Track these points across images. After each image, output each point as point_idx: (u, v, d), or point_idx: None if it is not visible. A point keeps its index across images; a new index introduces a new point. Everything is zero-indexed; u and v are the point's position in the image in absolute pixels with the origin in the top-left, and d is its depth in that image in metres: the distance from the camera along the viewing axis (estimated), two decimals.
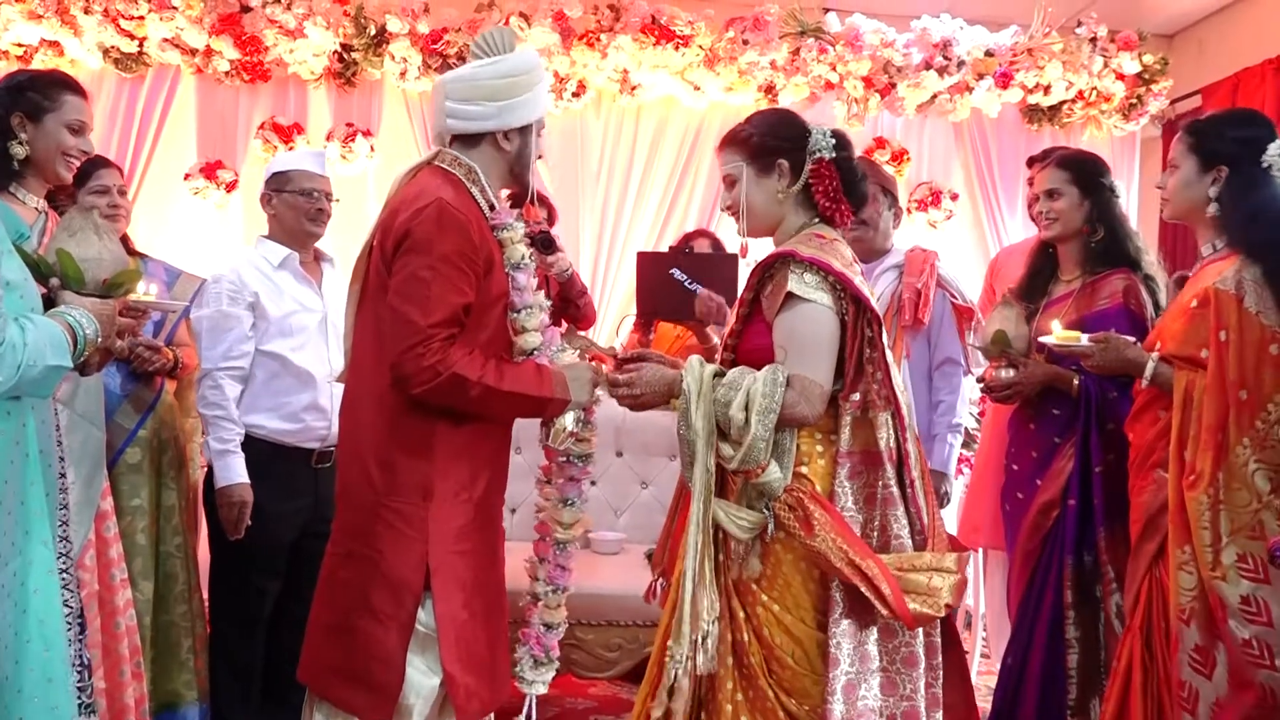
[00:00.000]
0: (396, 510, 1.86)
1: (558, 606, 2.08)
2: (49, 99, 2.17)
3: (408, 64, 4.37)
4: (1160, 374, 2.17)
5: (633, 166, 4.74)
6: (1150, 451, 2.22)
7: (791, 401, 1.83)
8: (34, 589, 1.59)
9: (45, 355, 1.54)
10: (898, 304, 3.07)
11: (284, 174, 2.75)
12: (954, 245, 4.80)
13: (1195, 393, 2.08)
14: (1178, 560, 2.06)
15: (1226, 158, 2.17)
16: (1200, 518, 2.01)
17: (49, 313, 1.66)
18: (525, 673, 2.06)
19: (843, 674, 1.83)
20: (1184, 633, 2.05)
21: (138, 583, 2.62)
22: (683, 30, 4.38)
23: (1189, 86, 4.94)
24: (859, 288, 1.90)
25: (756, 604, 1.89)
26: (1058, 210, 2.58)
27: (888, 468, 1.91)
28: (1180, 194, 2.24)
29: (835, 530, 1.82)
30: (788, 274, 1.90)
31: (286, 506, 2.67)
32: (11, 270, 1.58)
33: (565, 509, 2.06)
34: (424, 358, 1.78)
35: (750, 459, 1.82)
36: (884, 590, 1.79)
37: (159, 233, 4.43)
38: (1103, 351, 2.25)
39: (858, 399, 1.88)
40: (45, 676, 1.58)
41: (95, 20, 4.15)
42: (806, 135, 2.00)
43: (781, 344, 1.90)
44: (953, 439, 3.08)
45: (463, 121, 1.95)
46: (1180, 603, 2.06)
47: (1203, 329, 2.09)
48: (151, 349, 2.66)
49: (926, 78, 4.52)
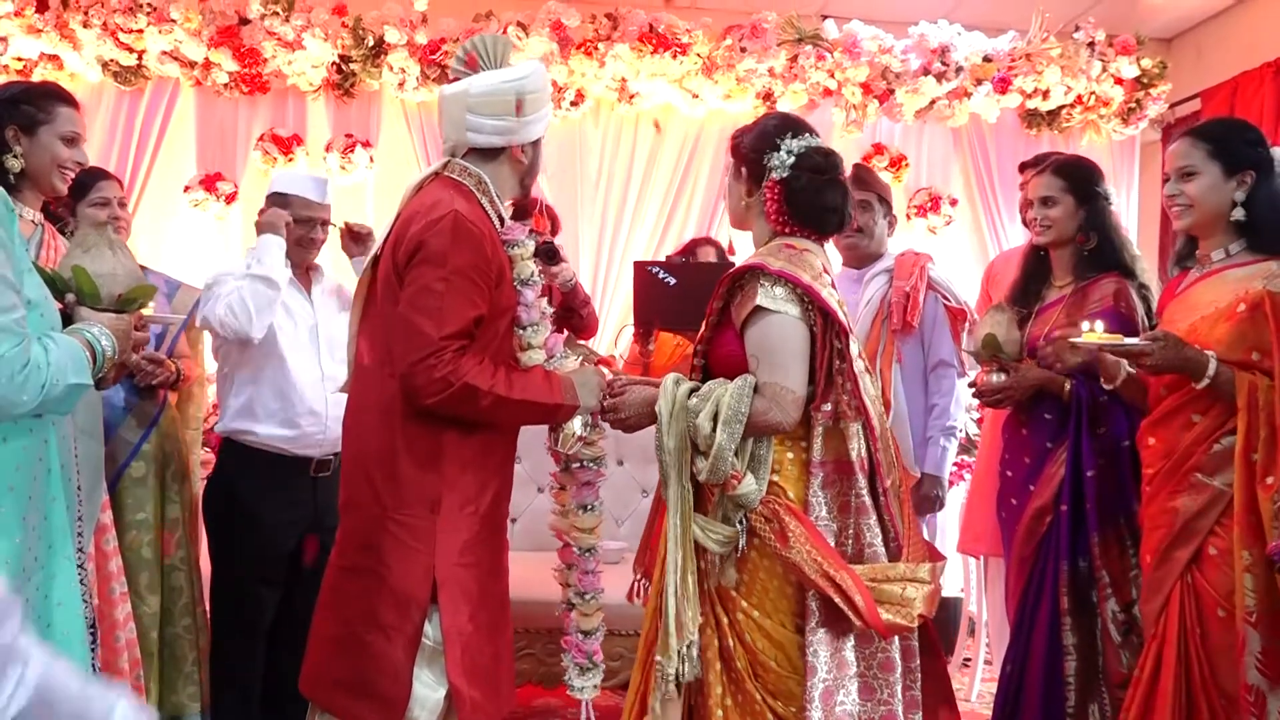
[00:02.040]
0: (403, 523, 1.85)
1: (593, 612, 2.09)
2: (43, 111, 2.17)
3: (406, 74, 4.37)
4: (1222, 374, 2.11)
5: (631, 175, 4.74)
6: (1186, 456, 2.18)
7: (762, 409, 1.86)
8: (58, 602, 1.60)
9: (67, 374, 1.56)
10: (887, 308, 3.08)
11: (284, 196, 2.76)
12: (953, 250, 4.80)
13: (1260, 394, 2.07)
14: (1244, 562, 2.05)
15: (1252, 162, 2.18)
16: (1273, 518, 2.00)
17: (67, 330, 1.67)
18: (573, 680, 2.07)
19: (820, 681, 1.86)
20: (1249, 635, 2.04)
21: (144, 596, 2.62)
22: (680, 38, 4.38)
23: (1187, 90, 4.94)
24: (826, 300, 1.92)
25: (737, 610, 1.92)
26: (1052, 218, 2.57)
27: (859, 477, 1.94)
28: (1206, 199, 2.21)
29: (810, 542, 1.85)
30: (756, 287, 1.93)
31: (286, 516, 2.68)
32: (32, 289, 1.59)
33: (585, 514, 2.06)
34: (436, 369, 1.78)
35: (718, 469, 1.85)
36: (857, 601, 1.82)
37: (159, 245, 4.43)
38: (1163, 349, 2.13)
39: (829, 409, 1.92)
40: None
41: (94, 34, 4.15)
42: (771, 150, 1.99)
43: (754, 354, 1.93)
44: (946, 442, 3.08)
45: (485, 136, 1.95)
46: (1246, 605, 2.04)
47: (1253, 333, 2.09)
48: (154, 362, 2.66)
49: (925, 83, 4.52)
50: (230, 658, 2.73)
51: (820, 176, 2.00)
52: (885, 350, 3.07)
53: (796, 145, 1.99)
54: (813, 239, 2.04)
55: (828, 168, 2.01)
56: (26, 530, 1.55)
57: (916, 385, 3.11)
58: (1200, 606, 2.14)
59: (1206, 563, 2.14)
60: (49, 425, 1.63)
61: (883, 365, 3.07)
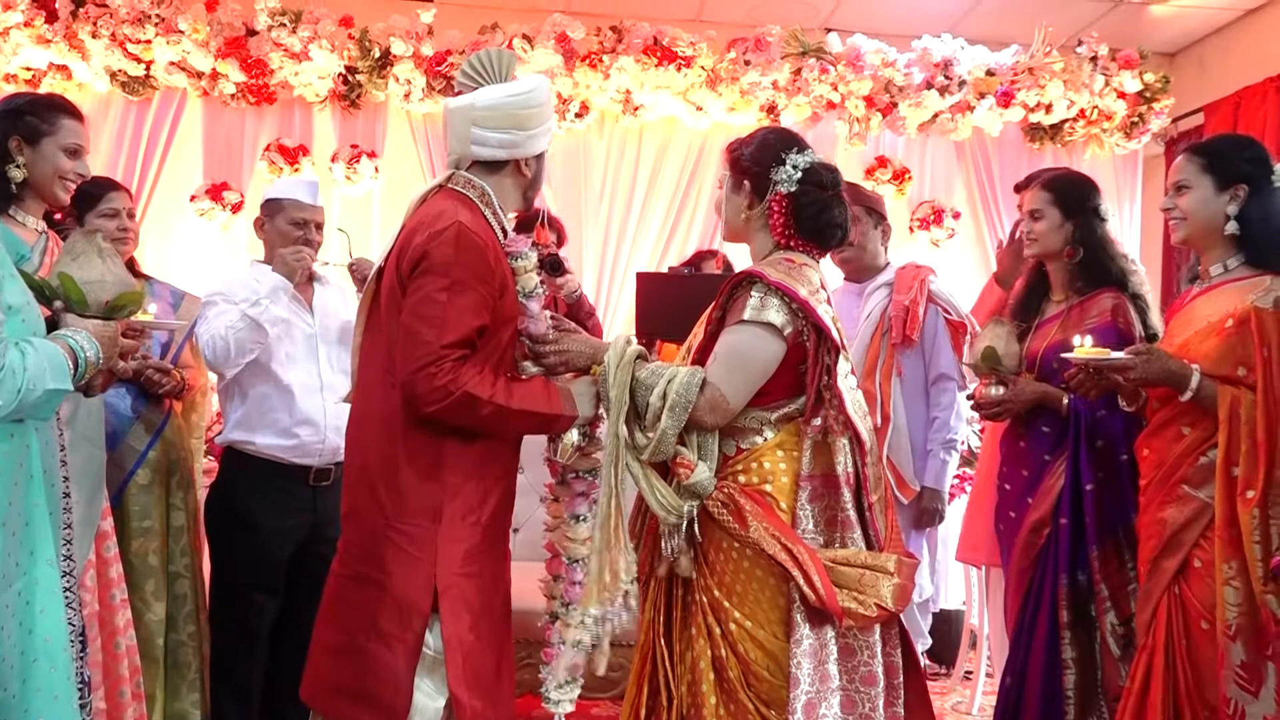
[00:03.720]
0: (405, 532, 1.85)
1: (577, 625, 2.08)
2: (46, 122, 2.19)
3: (412, 86, 4.40)
4: (1205, 388, 2.13)
5: (635, 187, 4.76)
6: (1175, 468, 2.20)
7: (701, 408, 1.91)
8: (40, 608, 1.61)
9: (45, 379, 1.56)
10: (887, 322, 3.08)
11: (277, 201, 2.79)
12: (956, 264, 4.81)
13: (1242, 408, 2.07)
14: (1224, 575, 2.06)
15: (1245, 176, 2.20)
16: (1253, 533, 2.01)
17: (50, 335, 1.67)
18: (550, 693, 2.05)
19: (803, 693, 1.87)
20: (1229, 649, 2.05)
21: (150, 604, 2.63)
22: (685, 51, 4.40)
23: (1191, 105, 4.95)
24: (821, 316, 1.94)
25: (729, 620, 1.93)
26: (1038, 231, 2.59)
27: (845, 492, 1.96)
28: (1198, 212, 2.24)
29: (766, 519, 1.90)
30: (749, 295, 1.95)
31: (284, 524, 2.69)
32: (14, 295, 1.60)
33: (577, 525, 2.06)
34: (436, 377, 1.78)
35: (660, 450, 1.91)
36: (813, 577, 1.85)
37: (165, 254, 4.46)
38: (1145, 363, 2.16)
39: (818, 424, 1.94)
40: (51, 694, 1.60)
41: (103, 44, 4.19)
42: (777, 164, 2.02)
43: (717, 352, 1.98)
44: (946, 455, 3.08)
45: (490, 149, 1.96)
46: (1227, 618, 2.05)
47: (1240, 348, 2.10)
48: (161, 371, 2.68)
49: (928, 97, 4.54)
50: (230, 665, 2.74)
51: (825, 192, 2.03)
52: (885, 363, 3.08)
53: (802, 160, 2.02)
54: (814, 253, 2.06)
55: (831, 183, 2.04)
56: (6, 536, 1.56)
57: (917, 398, 3.11)
58: (1186, 618, 2.15)
59: (1192, 575, 2.15)
60: (30, 431, 1.63)
61: (883, 378, 3.07)
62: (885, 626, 2.00)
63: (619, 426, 1.93)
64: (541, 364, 2.00)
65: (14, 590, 1.57)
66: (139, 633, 2.51)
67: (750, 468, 1.97)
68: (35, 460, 1.63)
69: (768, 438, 1.99)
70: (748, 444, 1.99)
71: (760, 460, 1.97)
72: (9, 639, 1.55)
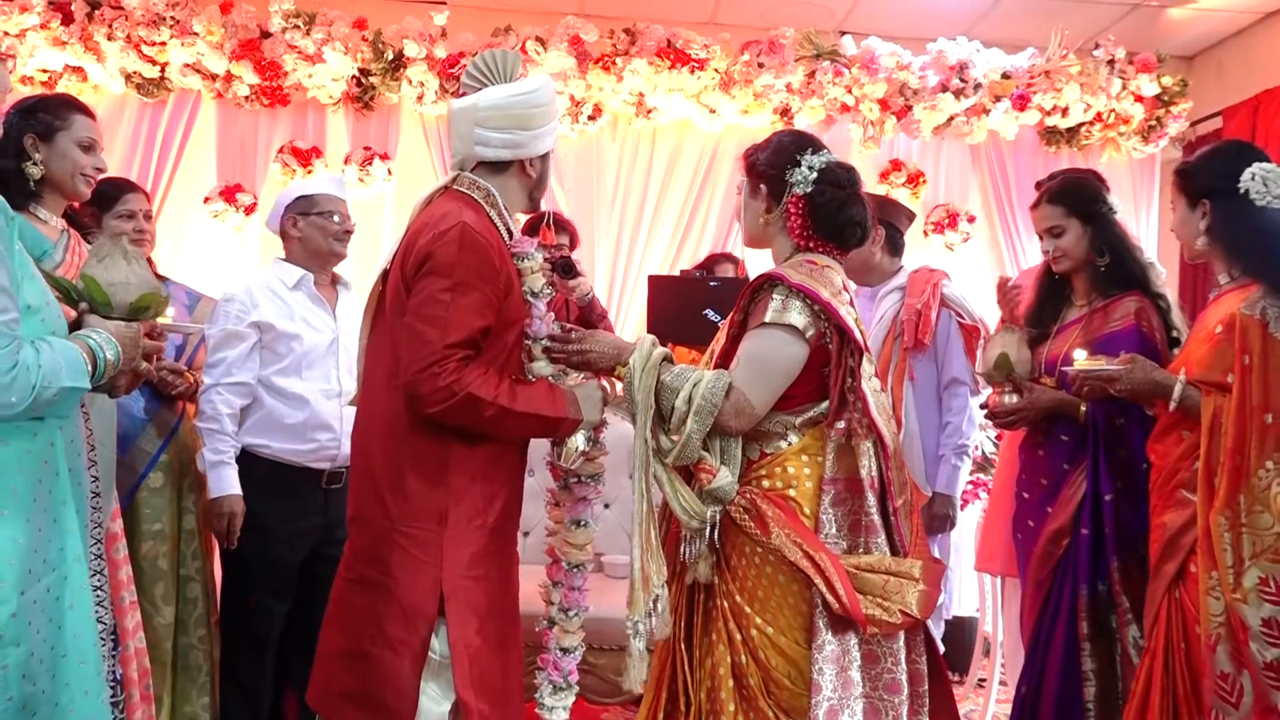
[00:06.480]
0: (410, 536, 1.85)
1: (574, 630, 2.07)
2: (59, 118, 2.24)
3: (425, 88, 4.40)
4: (1188, 397, 2.15)
5: (648, 189, 4.74)
6: (1174, 472, 2.21)
7: (726, 412, 1.90)
8: (69, 604, 1.62)
9: (61, 377, 1.57)
10: (899, 325, 3.06)
11: (309, 198, 2.80)
12: (971, 267, 4.78)
13: (1223, 418, 2.06)
14: (1206, 585, 2.04)
15: (1207, 191, 2.21)
16: (1221, 539, 1.99)
17: (70, 336, 1.68)
18: (545, 699, 2.04)
19: (825, 699, 1.85)
20: (1211, 660, 2.03)
21: (160, 607, 2.63)
22: (698, 54, 4.39)
23: (1209, 108, 4.91)
24: (844, 318, 1.93)
25: (750, 627, 1.91)
26: (1064, 247, 2.57)
27: (869, 496, 1.95)
28: (1181, 231, 2.29)
29: (788, 525, 1.88)
30: (770, 298, 1.94)
31: (296, 526, 2.69)
32: (33, 295, 1.61)
33: (577, 530, 2.05)
34: (439, 378, 1.77)
35: (685, 455, 1.90)
36: (836, 584, 1.83)
37: (179, 255, 4.47)
38: (1129, 374, 2.21)
39: (842, 427, 1.93)
40: (81, 689, 1.61)
41: (118, 46, 4.21)
42: (793, 166, 2.01)
43: (739, 356, 1.96)
44: (958, 460, 3.05)
45: (494, 150, 1.95)
46: (1209, 629, 2.03)
47: (1228, 354, 2.08)
48: (175, 372, 2.69)
49: (943, 100, 4.51)
50: (239, 668, 2.74)
51: (842, 191, 2.02)
52: (897, 367, 3.06)
53: (818, 161, 2.01)
54: (834, 254, 2.05)
55: (848, 182, 2.04)
56: (32, 532, 1.56)
57: (929, 403, 3.09)
58: (1184, 622, 2.15)
59: (1189, 580, 2.14)
60: (54, 428, 1.64)
61: (895, 383, 3.05)
62: (910, 633, 1.98)
63: (647, 431, 1.91)
64: (561, 362, 1.99)
65: (42, 585, 1.58)
66: (148, 636, 2.50)
67: (774, 472, 1.96)
68: (61, 458, 1.64)
69: (792, 442, 1.97)
70: (772, 448, 1.98)
71: (784, 465, 1.95)
72: (38, 634, 1.56)
